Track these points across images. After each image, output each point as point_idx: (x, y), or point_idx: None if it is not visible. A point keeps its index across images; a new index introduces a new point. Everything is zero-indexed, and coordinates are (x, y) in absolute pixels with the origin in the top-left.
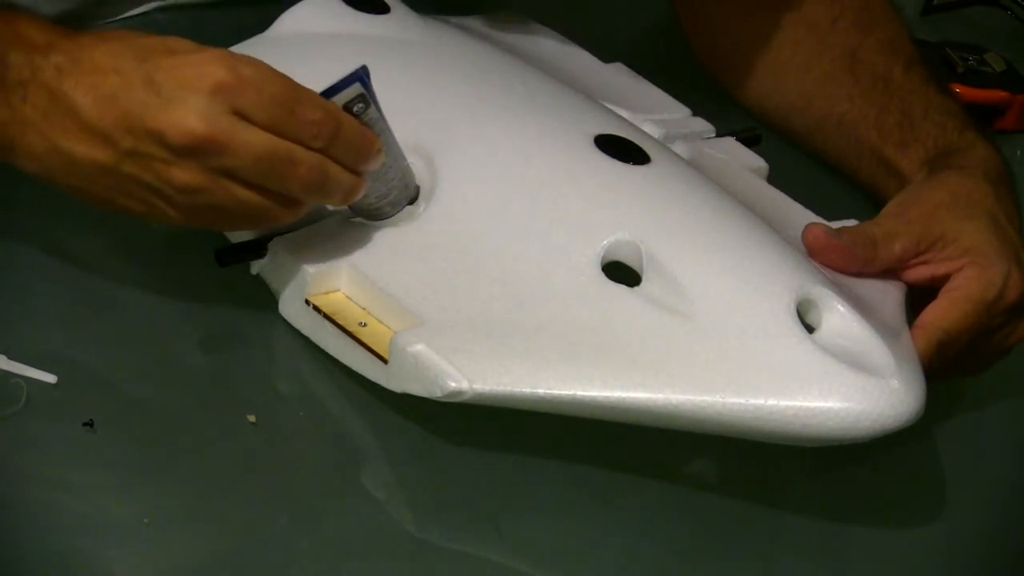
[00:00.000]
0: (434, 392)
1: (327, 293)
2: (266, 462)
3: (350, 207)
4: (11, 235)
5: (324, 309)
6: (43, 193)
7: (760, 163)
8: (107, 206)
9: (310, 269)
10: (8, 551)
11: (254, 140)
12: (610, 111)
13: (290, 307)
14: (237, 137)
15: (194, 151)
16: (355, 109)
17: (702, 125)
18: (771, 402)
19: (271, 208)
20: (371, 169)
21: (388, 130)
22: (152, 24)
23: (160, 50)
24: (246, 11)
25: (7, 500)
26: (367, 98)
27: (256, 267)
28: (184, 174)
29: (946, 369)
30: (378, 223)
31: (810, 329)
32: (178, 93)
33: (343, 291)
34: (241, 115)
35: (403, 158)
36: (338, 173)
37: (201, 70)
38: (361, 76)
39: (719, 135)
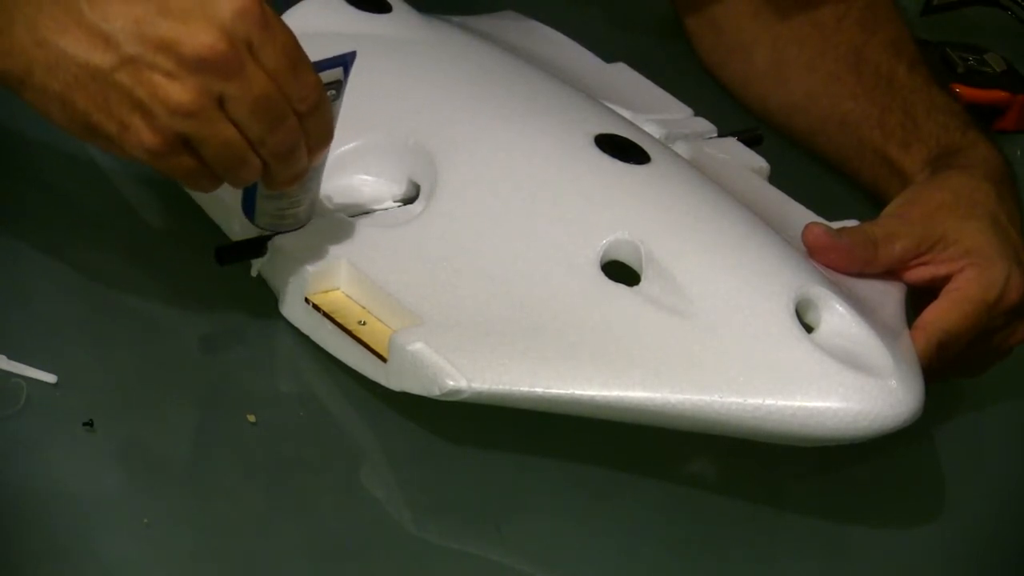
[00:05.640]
0: (433, 391)
1: (327, 292)
2: (266, 462)
3: (250, 205)
4: (12, 235)
5: (324, 308)
6: (44, 193)
7: (761, 163)
8: (77, 122)
9: (310, 268)
10: (8, 551)
11: (260, 79)
12: (611, 111)
13: (290, 306)
14: (247, 67)
15: (205, 67)
16: (329, 93)
17: (704, 125)
18: (770, 402)
19: (245, 157)
20: (316, 162)
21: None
22: None
23: None
24: None
25: (7, 500)
26: (341, 88)
27: (256, 267)
28: (183, 93)
29: (946, 370)
30: (378, 222)
31: (809, 329)
32: (200, 9)
33: (343, 290)
34: (252, 51)
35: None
36: (303, 147)
37: None
38: (346, 62)
39: (721, 135)
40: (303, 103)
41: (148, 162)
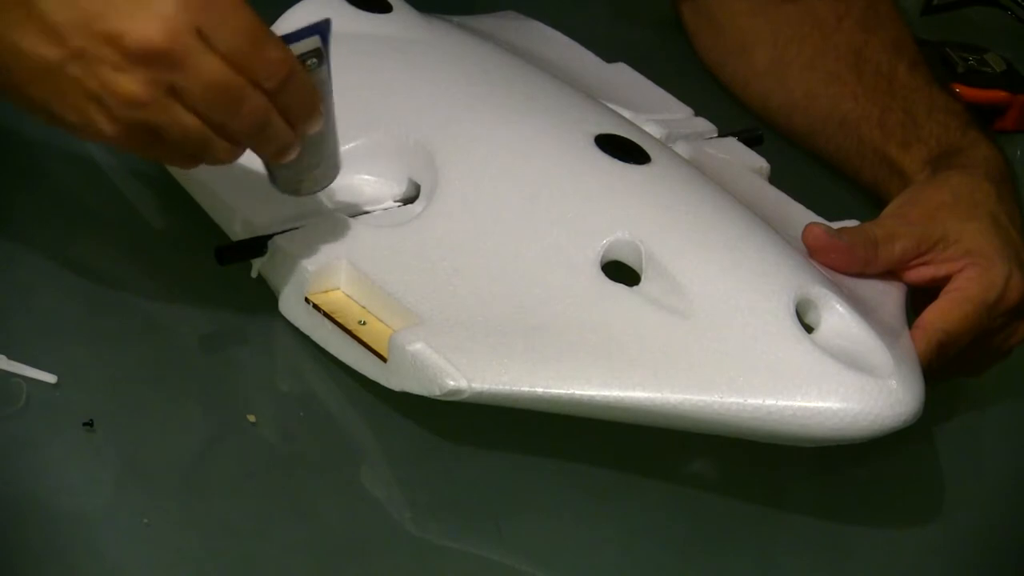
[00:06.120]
0: (433, 391)
1: (327, 291)
2: (266, 462)
3: (270, 174)
4: (11, 235)
5: (324, 307)
6: (44, 193)
7: (762, 163)
8: (42, 112)
9: (310, 267)
10: (8, 551)
11: (210, 65)
12: (611, 110)
13: (290, 306)
14: (195, 56)
15: (149, 60)
16: (308, 63)
17: (704, 125)
18: (770, 402)
19: (210, 141)
20: (309, 131)
21: (331, 98)
22: None
23: None
24: None
25: (7, 500)
26: (322, 54)
27: (256, 267)
28: (131, 84)
29: (946, 370)
30: (378, 222)
31: (809, 329)
32: (144, 1)
33: (343, 289)
34: (204, 36)
35: (336, 135)
36: (279, 123)
37: None
38: (323, 30)
39: (721, 135)
40: (270, 79)
41: (116, 148)
